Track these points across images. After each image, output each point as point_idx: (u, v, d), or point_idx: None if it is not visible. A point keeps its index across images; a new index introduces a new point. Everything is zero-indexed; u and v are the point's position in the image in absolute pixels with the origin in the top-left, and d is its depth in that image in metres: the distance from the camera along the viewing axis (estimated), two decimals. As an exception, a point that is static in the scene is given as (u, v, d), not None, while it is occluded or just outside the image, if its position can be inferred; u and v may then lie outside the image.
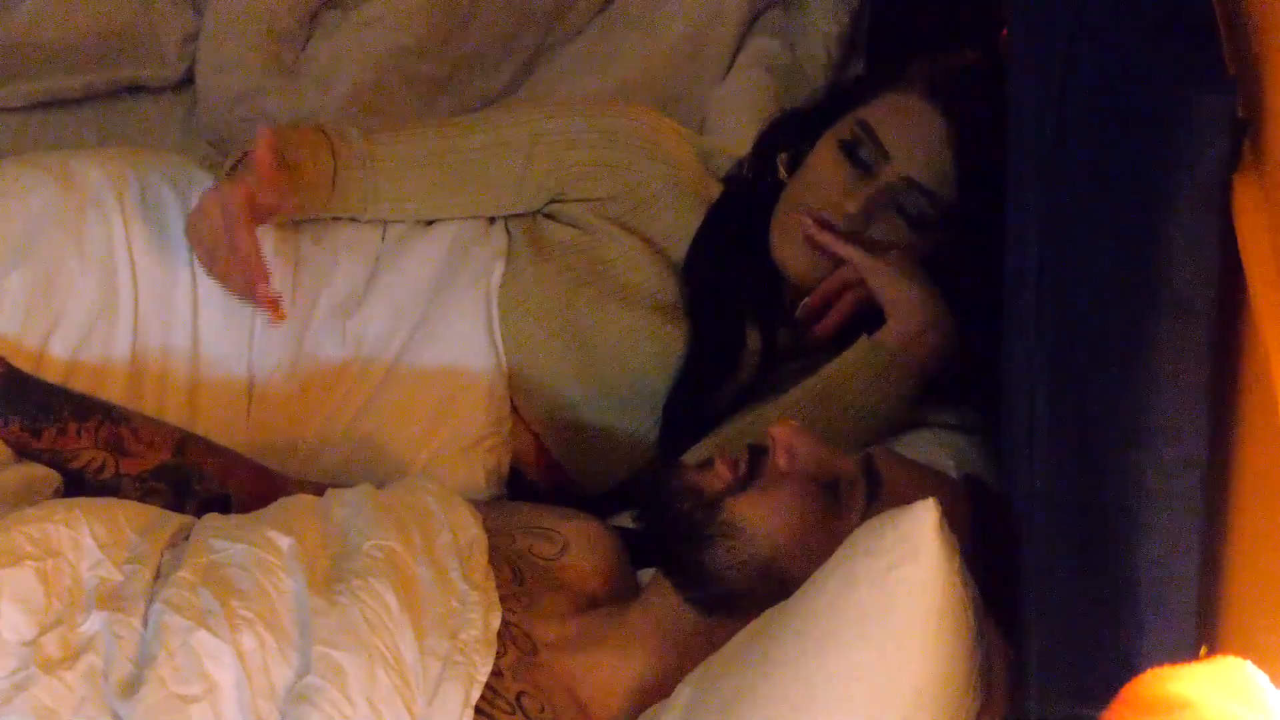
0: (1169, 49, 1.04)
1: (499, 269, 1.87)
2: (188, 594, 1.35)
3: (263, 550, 1.40)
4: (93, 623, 1.33)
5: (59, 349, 1.68)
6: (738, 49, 2.54)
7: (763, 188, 1.90)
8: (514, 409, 1.86)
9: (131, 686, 1.29)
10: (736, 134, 2.18)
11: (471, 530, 1.48)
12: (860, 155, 1.77)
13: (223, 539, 1.42)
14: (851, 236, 1.78)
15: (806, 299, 1.83)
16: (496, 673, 1.37)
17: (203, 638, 1.31)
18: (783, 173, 1.91)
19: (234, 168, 1.79)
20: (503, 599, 1.45)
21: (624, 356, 1.84)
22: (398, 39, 2.42)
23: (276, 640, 1.32)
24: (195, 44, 2.41)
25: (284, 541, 1.41)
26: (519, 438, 1.86)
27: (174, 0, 2.45)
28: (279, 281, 1.76)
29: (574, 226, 1.89)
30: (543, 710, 1.37)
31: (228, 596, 1.34)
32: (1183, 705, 0.84)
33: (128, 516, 1.47)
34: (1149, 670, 0.88)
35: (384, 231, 1.86)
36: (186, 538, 1.48)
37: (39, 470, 1.58)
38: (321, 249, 1.83)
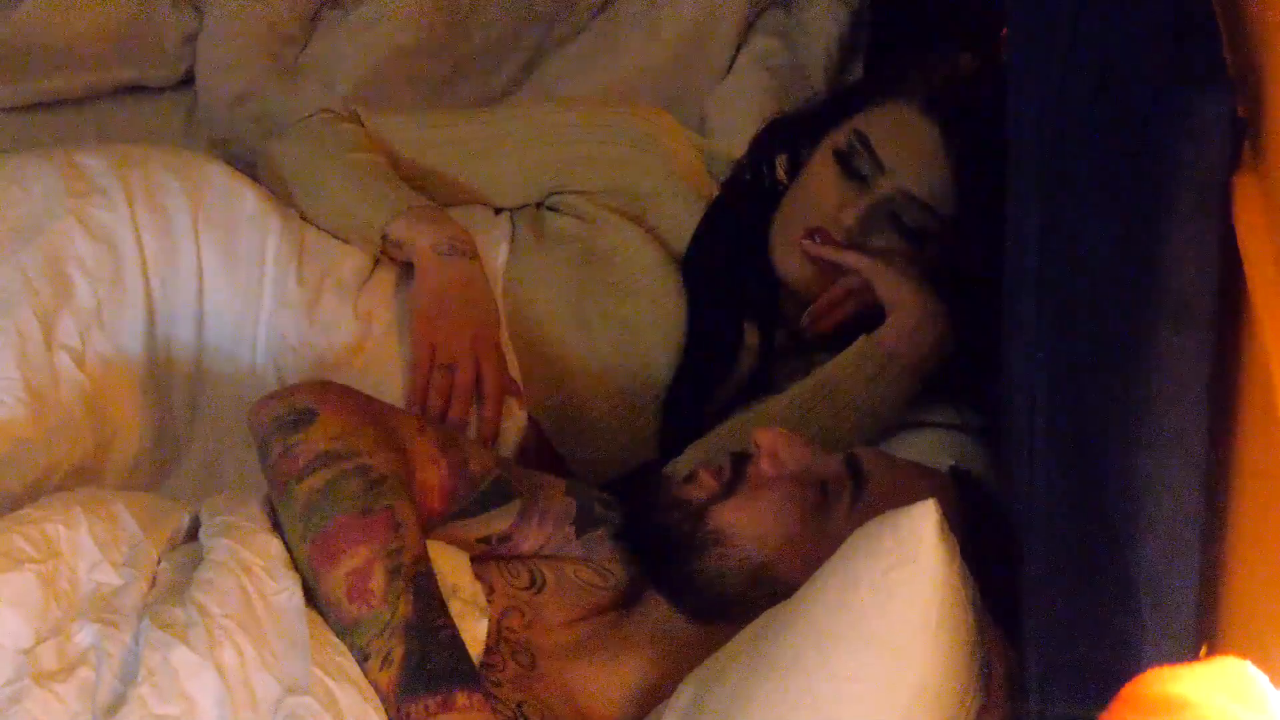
0: (1169, 49, 1.04)
1: (503, 253, 1.88)
2: (171, 606, 1.34)
3: (251, 551, 1.39)
4: (86, 635, 1.32)
5: (69, 327, 1.67)
6: (738, 49, 2.54)
7: (761, 189, 1.91)
8: None
9: (115, 705, 1.28)
10: (736, 134, 2.18)
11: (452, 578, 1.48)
12: (856, 166, 1.78)
13: (215, 537, 1.42)
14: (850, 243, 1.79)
15: (812, 307, 1.83)
16: (496, 683, 1.38)
17: (182, 655, 1.29)
18: (782, 175, 1.92)
19: None
20: (507, 610, 1.46)
21: (625, 344, 1.85)
22: (398, 39, 2.42)
23: (257, 649, 1.31)
24: (195, 44, 2.41)
25: (274, 545, 1.41)
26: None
27: (174, 0, 2.46)
28: (283, 267, 1.76)
29: (575, 217, 1.90)
30: (544, 718, 1.38)
31: (210, 605, 1.33)
32: (1183, 705, 0.83)
33: (131, 506, 1.46)
34: (1149, 670, 0.88)
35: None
36: (187, 538, 1.47)
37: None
38: (325, 236, 1.83)
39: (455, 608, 1.39)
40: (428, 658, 1.32)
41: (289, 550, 1.40)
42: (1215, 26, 1.07)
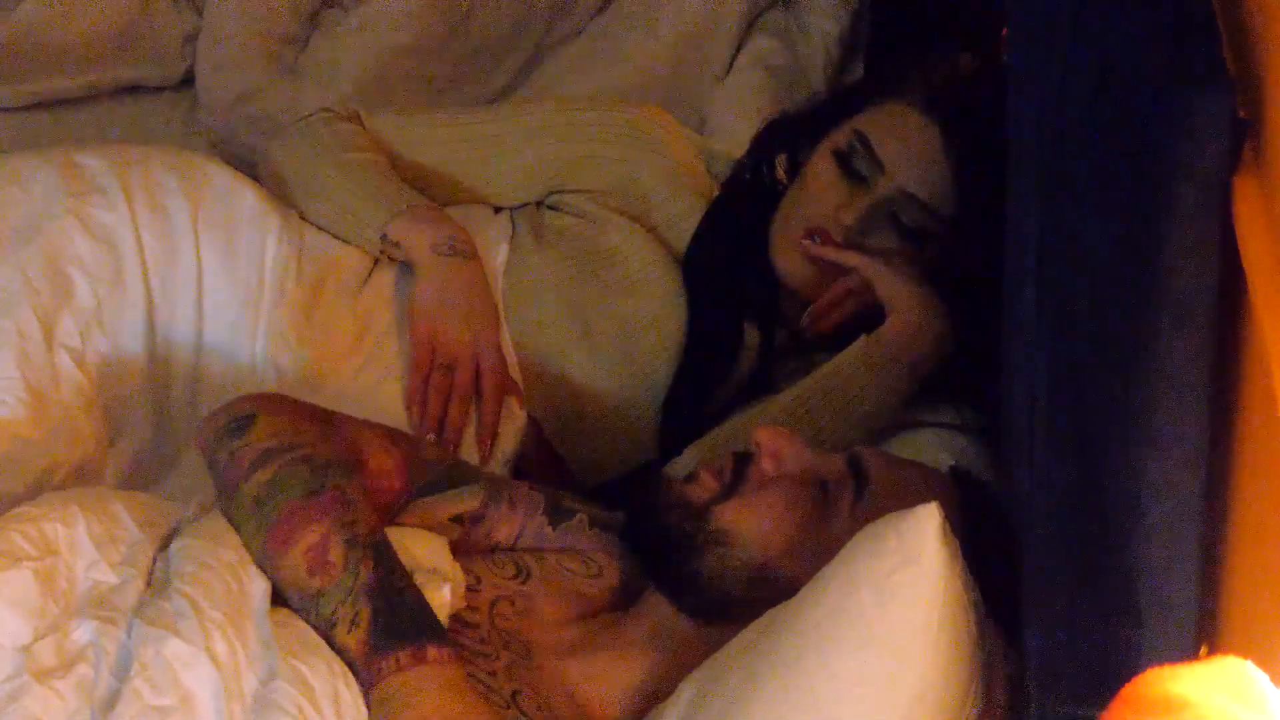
0: (1169, 49, 1.04)
1: (503, 252, 1.88)
2: (160, 601, 1.34)
3: (228, 549, 1.39)
4: (84, 632, 1.32)
5: (69, 327, 1.67)
6: (738, 49, 2.54)
7: (761, 189, 1.91)
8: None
9: (112, 701, 1.28)
10: (736, 134, 2.18)
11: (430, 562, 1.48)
12: (855, 166, 1.78)
13: (193, 537, 1.42)
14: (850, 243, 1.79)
15: (812, 307, 1.83)
16: (491, 673, 1.37)
17: (176, 646, 1.29)
18: (781, 175, 1.92)
19: None
20: (496, 600, 1.45)
21: (625, 344, 1.85)
22: (398, 39, 2.42)
23: (242, 644, 1.31)
24: (195, 44, 2.42)
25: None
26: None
27: (174, 0, 2.46)
28: (282, 266, 1.76)
29: (576, 215, 1.90)
30: (540, 709, 1.37)
31: (200, 598, 1.33)
32: (1183, 705, 0.83)
33: (129, 506, 1.46)
34: (1149, 670, 0.88)
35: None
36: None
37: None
38: (325, 236, 1.83)
39: (420, 579, 1.38)
40: (395, 615, 1.33)
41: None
42: (1215, 26, 1.07)
